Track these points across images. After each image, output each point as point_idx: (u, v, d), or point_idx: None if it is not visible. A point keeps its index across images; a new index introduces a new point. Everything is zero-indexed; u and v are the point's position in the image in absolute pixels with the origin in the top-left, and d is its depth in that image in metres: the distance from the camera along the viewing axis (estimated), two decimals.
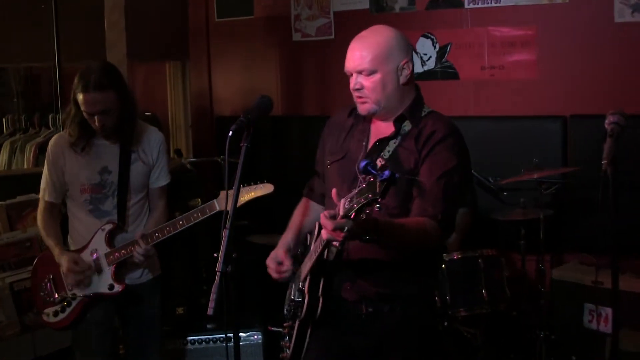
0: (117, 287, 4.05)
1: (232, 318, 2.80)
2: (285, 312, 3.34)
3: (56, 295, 4.10)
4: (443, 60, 6.16)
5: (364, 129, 3.21)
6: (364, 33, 3.12)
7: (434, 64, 6.21)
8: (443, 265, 4.92)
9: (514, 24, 5.85)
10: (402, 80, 3.08)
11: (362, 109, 3.11)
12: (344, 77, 3.16)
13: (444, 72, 6.17)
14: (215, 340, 4.96)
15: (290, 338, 3.23)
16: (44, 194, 4.18)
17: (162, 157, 4.25)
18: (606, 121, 3.30)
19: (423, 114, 3.14)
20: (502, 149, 5.76)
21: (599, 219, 3.06)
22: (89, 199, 4.09)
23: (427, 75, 6.23)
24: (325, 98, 6.81)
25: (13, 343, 4.68)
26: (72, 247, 4.18)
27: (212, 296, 2.63)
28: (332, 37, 6.69)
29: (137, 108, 4.14)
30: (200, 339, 4.98)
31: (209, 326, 5.04)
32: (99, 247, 4.06)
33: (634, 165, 4.67)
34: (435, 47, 6.19)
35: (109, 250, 4.05)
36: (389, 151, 3.08)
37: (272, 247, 3.32)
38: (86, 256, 4.07)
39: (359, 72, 3.04)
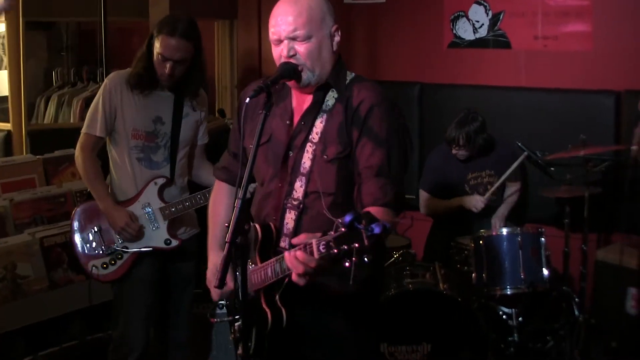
0: (175, 242, 4.06)
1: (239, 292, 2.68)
2: (223, 301, 3.04)
3: (105, 247, 4.02)
4: (495, 28, 6.00)
5: (285, 105, 2.98)
6: None
7: (486, 32, 6.05)
8: (481, 242, 4.78)
9: None
10: (335, 47, 2.89)
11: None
12: (394, 42, 2.99)
13: (496, 40, 6.01)
14: None
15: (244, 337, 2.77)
16: (92, 128, 3.99)
17: (206, 115, 4.27)
18: None
19: (347, 80, 2.94)
20: (553, 122, 5.65)
21: None
22: (141, 147, 4.00)
23: (479, 43, 6.10)
24: (375, 62, 6.66)
25: (40, 298, 4.64)
26: (115, 197, 4.08)
27: (219, 267, 2.49)
28: (384, 0, 6.53)
29: (206, 68, 4.19)
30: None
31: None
32: (151, 201, 4.03)
33: None
34: (488, 15, 6.02)
35: (163, 205, 4.04)
36: (317, 132, 2.87)
37: None
38: (137, 209, 4.02)
39: (293, 39, 2.80)
